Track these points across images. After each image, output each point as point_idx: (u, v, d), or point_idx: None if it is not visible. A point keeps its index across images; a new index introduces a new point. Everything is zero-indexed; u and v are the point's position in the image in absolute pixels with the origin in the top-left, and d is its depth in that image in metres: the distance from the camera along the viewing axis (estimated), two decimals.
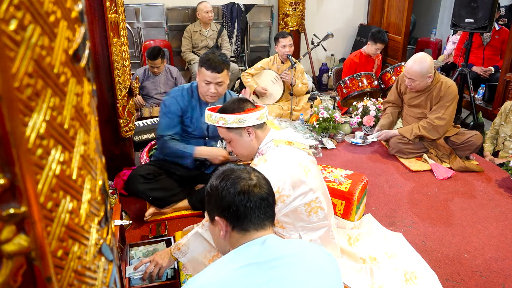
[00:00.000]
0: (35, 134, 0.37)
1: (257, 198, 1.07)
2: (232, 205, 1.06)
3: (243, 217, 1.06)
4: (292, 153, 1.66)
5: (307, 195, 1.64)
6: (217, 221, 1.10)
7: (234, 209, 1.06)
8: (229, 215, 1.07)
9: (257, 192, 1.08)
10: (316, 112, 3.59)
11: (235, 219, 1.07)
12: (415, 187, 2.81)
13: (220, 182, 1.10)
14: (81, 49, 0.47)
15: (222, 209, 1.08)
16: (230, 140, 1.72)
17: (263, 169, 1.55)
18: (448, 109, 2.99)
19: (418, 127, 3.09)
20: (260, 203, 1.08)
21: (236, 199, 1.06)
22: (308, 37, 5.14)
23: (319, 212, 1.70)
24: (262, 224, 1.08)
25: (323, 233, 1.76)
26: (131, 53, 4.65)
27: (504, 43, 4.23)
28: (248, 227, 1.07)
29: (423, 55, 2.98)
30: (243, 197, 1.06)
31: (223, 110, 1.68)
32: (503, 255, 2.11)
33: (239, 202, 1.06)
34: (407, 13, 5.09)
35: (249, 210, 1.06)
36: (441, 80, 3.02)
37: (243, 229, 1.07)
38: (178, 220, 2.41)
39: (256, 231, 1.07)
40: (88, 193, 0.50)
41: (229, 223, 1.08)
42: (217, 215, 1.10)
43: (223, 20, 5.05)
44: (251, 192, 1.07)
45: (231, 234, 1.09)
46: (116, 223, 1.77)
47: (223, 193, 1.08)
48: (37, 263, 0.39)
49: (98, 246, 0.53)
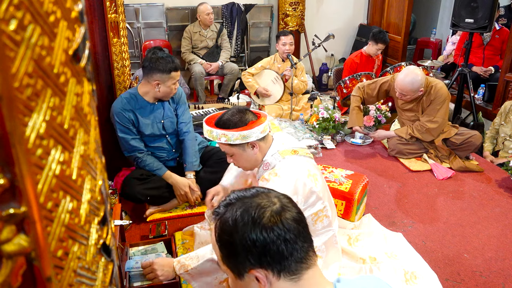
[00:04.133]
0: (35, 134, 0.37)
1: (292, 223, 0.82)
2: (268, 245, 0.79)
3: (288, 256, 0.79)
4: (301, 163, 1.64)
5: (316, 204, 1.63)
6: (250, 275, 0.81)
7: (274, 249, 0.79)
8: (268, 260, 0.79)
9: (289, 216, 0.83)
10: (316, 112, 3.59)
11: (278, 263, 0.79)
12: (415, 187, 2.81)
13: (238, 221, 0.81)
14: (81, 49, 0.47)
15: (256, 255, 0.79)
16: (233, 154, 1.63)
17: (278, 183, 1.52)
18: (439, 111, 2.99)
19: (412, 129, 3.11)
20: (298, 229, 0.82)
21: (271, 235, 0.79)
22: (308, 37, 5.14)
23: (324, 220, 1.69)
24: (307, 257, 0.82)
25: (327, 238, 1.75)
26: (131, 53, 4.64)
27: (504, 43, 4.23)
28: (297, 267, 0.80)
29: (415, 71, 2.94)
30: (279, 229, 0.80)
31: (223, 124, 1.57)
32: (503, 255, 2.11)
33: (276, 238, 0.79)
34: (407, 13, 5.09)
35: (291, 243, 0.80)
36: (431, 84, 3.00)
37: (293, 273, 0.80)
38: (178, 220, 2.41)
39: (307, 271, 0.81)
40: (88, 193, 0.50)
41: (271, 271, 0.79)
42: (251, 267, 0.80)
43: (223, 20, 5.05)
44: (284, 219, 0.82)
45: (276, 286, 0.81)
46: (116, 223, 1.77)
47: (251, 235, 0.79)
48: (37, 263, 0.39)
49: (98, 246, 0.53)
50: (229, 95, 4.68)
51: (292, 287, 0.80)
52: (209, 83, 5.12)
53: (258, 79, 4.10)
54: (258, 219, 0.80)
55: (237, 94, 4.16)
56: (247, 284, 0.83)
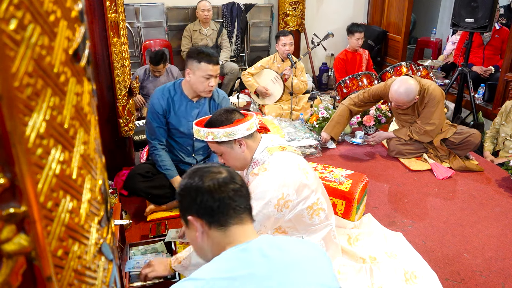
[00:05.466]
0: (35, 133, 0.37)
1: (229, 189, 1.01)
2: (204, 201, 0.99)
3: (219, 212, 0.99)
4: (289, 157, 1.65)
5: (309, 197, 1.63)
6: (191, 221, 1.02)
7: (208, 205, 0.99)
8: (202, 212, 1.00)
9: (229, 184, 1.02)
10: (316, 111, 3.59)
11: (210, 215, 0.99)
12: (415, 187, 2.81)
13: (189, 179, 1.03)
14: (81, 48, 0.47)
15: (195, 207, 1.00)
16: (222, 153, 1.67)
17: (266, 177, 1.54)
18: (435, 113, 2.99)
19: (411, 130, 3.12)
20: (233, 195, 1.01)
21: (208, 193, 0.99)
22: (308, 36, 5.14)
23: (321, 214, 1.70)
24: (240, 218, 1.01)
25: (326, 233, 1.76)
26: (131, 52, 4.64)
27: (504, 42, 4.23)
28: (227, 222, 1.00)
29: (408, 81, 2.90)
30: (215, 190, 0.99)
31: (210, 124, 1.63)
32: (503, 255, 2.11)
33: (211, 196, 0.99)
34: (407, 13, 5.09)
35: (223, 203, 0.99)
36: (424, 87, 2.98)
37: (221, 225, 1.00)
38: (178, 220, 2.41)
39: (236, 226, 1.00)
40: (88, 193, 0.50)
41: (204, 221, 1.00)
42: (189, 215, 1.02)
43: (223, 20, 5.05)
44: (222, 185, 1.01)
45: (209, 234, 1.01)
46: (116, 223, 1.77)
47: (194, 190, 1.01)
48: (37, 263, 0.39)
49: (98, 245, 0.53)
50: (229, 94, 4.68)
51: (220, 235, 1.00)
52: None
53: (258, 79, 4.10)
54: (203, 179, 1.01)
55: (237, 94, 4.16)
56: (191, 232, 1.05)
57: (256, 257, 0.95)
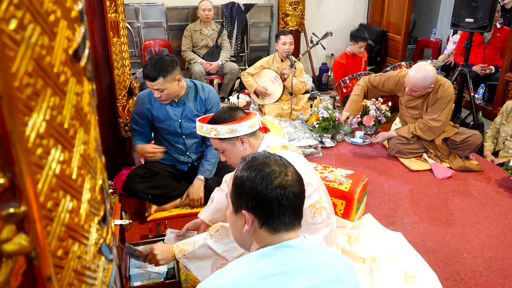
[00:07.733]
0: (35, 133, 0.37)
1: (291, 195, 1.00)
2: (266, 201, 0.99)
3: (276, 216, 0.99)
4: (292, 156, 1.64)
5: (312, 196, 1.63)
6: (243, 214, 1.02)
7: (268, 206, 0.99)
8: (260, 211, 1.00)
9: (292, 189, 1.01)
10: (316, 111, 3.59)
11: (266, 217, 1.00)
12: (415, 187, 2.81)
13: (254, 174, 1.01)
14: (81, 48, 0.47)
15: (254, 203, 1.00)
16: (224, 150, 1.67)
17: None
18: (444, 111, 2.99)
19: (414, 127, 3.10)
20: (293, 202, 1.00)
21: (272, 195, 0.98)
22: (308, 37, 5.14)
23: (323, 213, 1.69)
24: (292, 225, 1.02)
25: (327, 233, 1.76)
26: (131, 52, 4.64)
27: (505, 41, 4.23)
28: (279, 227, 1.00)
29: (426, 67, 2.92)
30: (280, 194, 0.99)
31: (214, 120, 1.64)
32: (503, 255, 2.11)
33: (275, 199, 0.98)
34: (407, 13, 5.09)
35: (282, 208, 0.99)
36: (439, 82, 3.00)
37: (273, 229, 1.00)
38: (178, 220, 2.41)
39: (285, 232, 1.01)
40: (88, 193, 0.50)
41: (258, 220, 1.01)
42: (245, 209, 1.02)
43: (223, 20, 5.05)
44: (287, 189, 1.00)
45: (257, 231, 1.02)
46: (116, 223, 1.77)
47: (258, 187, 0.99)
48: (37, 263, 0.39)
49: (98, 245, 0.53)
50: (229, 94, 4.68)
51: (268, 236, 1.01)
52: (209, 82, 5.12)
53: (257, 79, 4.10)
54: (269, 179, 1.00)
55: (237, 94, 4.16)
56: (237, 220, 1.06)
57: (295, 252, 0.98)
